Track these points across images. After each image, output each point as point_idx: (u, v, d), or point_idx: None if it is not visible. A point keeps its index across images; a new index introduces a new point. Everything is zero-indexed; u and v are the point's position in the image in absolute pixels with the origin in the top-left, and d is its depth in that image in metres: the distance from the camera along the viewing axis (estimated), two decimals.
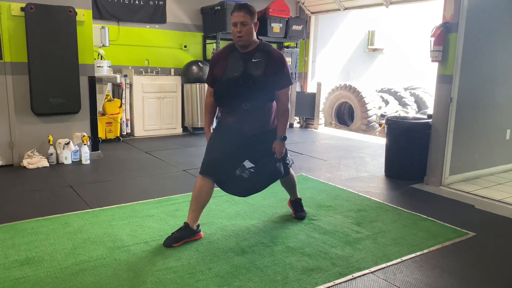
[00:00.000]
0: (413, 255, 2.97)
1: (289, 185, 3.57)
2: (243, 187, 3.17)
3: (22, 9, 4.85)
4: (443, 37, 4.46)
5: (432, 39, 4.52)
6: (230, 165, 3.09)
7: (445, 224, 3.54)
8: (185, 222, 3.07)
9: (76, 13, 5.12)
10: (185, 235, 3.03)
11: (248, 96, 2.96)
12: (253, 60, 2.95)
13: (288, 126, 3.22)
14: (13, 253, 2.82)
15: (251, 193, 3.26)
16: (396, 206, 3.96)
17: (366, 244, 3.12)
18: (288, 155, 3.38)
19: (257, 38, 3.08)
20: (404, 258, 2.91)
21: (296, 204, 3.67)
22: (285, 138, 3.09)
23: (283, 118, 3.07)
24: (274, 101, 3.12)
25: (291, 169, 3.43)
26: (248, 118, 3.04)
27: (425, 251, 3.04)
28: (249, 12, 2.92)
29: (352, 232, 3.32)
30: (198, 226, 3.11)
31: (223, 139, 3.09)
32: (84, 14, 5.29)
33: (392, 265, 2.82)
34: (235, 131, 3.07)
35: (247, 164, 3.25)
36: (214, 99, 3.09)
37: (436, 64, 4.62)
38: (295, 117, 8.98)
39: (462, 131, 4.67)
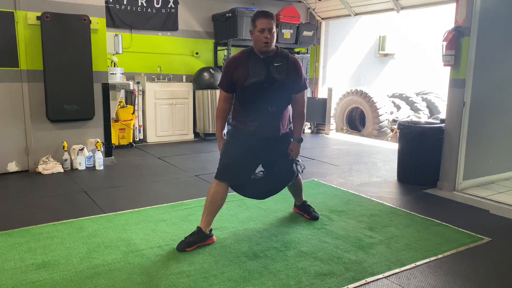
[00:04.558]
0: (427, 260, 2.94)
1: (297, 188, 3.64)
2: (262, 190, 3.28)
3: (38, 18, 4.96)
4: (455, 41, 4.44)
5: (444, 43, 4.49)
6: (245, 170, 3.15)
7: (460, 229, 3.50)
8: (198, 227, 3.09)
9: (90, 22, 5.21)
10: (198, 239, 3.05)
11: (274, 99, 3.07)
12: (275, 64, 3.04)
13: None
14: (30, 257, 2.86)
15: (270, 195, 3.37)
16: (409, 211, 3.94)
17: (379, 249, 3.10)
18: (300, 160, 3.41)
19: None
20: (418, 263, 2.89)
21: (304, 207, 3.71)
22: (301, 139, 3.28)
23: (301, 120, 3.27)
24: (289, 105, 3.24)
25: (299, 172, 3.48)
26: (270, 121, 3.13)
27: (439, 256, 3.01)
28: (272, 18, 3.01)
29: (365, 237, 3.30)
30: (211, 230, 3.13)
31: (239, 145, 3.12)
32: (98, 22, 5.38)
33: (405, 270, 2.80)
34: (252, 136, 3.10)
35: (258, 168, 3.31)
36: (239, 103, 3.12)
37: (448, 68, 4.60)
38: (306, 123, 8.97)
39: (476, 136, 4.63)
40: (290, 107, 3.30)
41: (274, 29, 3.01)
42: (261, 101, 3.05)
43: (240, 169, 3.11)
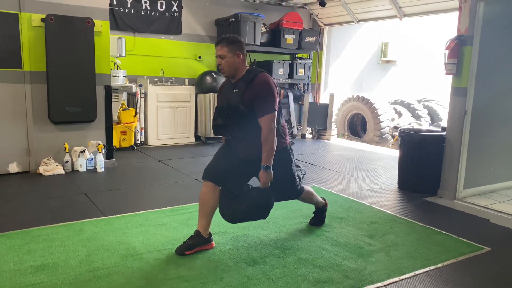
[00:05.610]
0: (427, 269, 2.93)
1: (305, 200, 3.54)
2: (229, 210, 3.05)
3: (42, 20, 4.98)
4: (458, 50, 4.44)
5: (447, 52, 4.50)
6: (230, 171, 3.07)
7: (460, 238, 3.49)
8: (196, 230, 3.09)
9: (94, 24, 5.23)
10: (197, 242, 3.05)
11: (230, 127, 3.01)
12: (234, 90, 3.00)
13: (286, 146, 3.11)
14: (29, 259, 2.86)
15: (235, 221, 3.13)
16: (409, 219, 3.93)
17: (379, 257, 3.09)
18: (301, 165, 3.38)
19: (252, 65, 3.11)
20: (417, 272, 2.88)
21: (317, 212, 3.67)
22: (267, 168, 2.92)
23: (264, 146, 2.92)
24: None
25: (304, 187, 3.38)
26: (239, 145, 3.07)
27: (439, 265, 3.00)
28: (227, 44, 2.95)
29: (364, 245, 3.29)
30: (210, 235, 3.13)
31: (227, 149, 3.15)
32: (101, 25, 5.40)
33: (405, 279, 2.79)
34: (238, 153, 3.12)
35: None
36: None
37: (450, 76, 4.60)
38: (307, 128, 8.98)
39: (477, 144, 4.62)
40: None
41: (230, 55, 2.93)
42: (220, 127, 3.07)
43: (224, 169, 3.06)
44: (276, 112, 2.95)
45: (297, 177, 3.27)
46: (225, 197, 3.08)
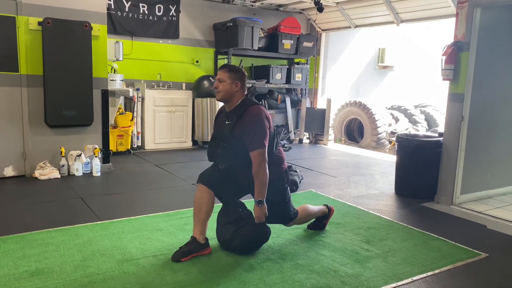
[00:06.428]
0: (424, 275, 2.92)
1: (303, 222, 3.52)
2: (223, 240, 3.17)
3: (39, 23, 4.97)
4: (455, 56, 4.46)
5: (444, 57, 4.52)
6: (228, 179, 3.10)
7: (457, 244, 3.49)
8: (192, 236, 3.07)
9: (91, 28, 5.23)
10: (193, 249, 3.02)
11: (224, 157, 3.03)
12: (226, 122, 3.03)
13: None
14: (23, 264, 2.84)
15: (227, 248, 3.15)
16: (406, 225, 3.92)
17: (376, 262, 3.08)
18: (298, 171, 3.37)
19: (246, 95, 3.10)
20: (414, 278, 2.87)
21: (317, 219, 3.65)
22: (260, 202, 2.98)
23: (256, 181, 2.95)
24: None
25: (298, 210, 3.37)
26: (237, 175, 3.09)
27: (436, 271, 2.99)
28: (229, 71, 3.01)
29: (361, 250, 3.28)
30: (207, 240, 3.11)
31: None
32: (99, 29, 5.40)
33: (402, 285, 2.78)
34: None
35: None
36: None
37: (447, 82, 4.62)
38: (304, 133, 8.99)
39: (474, 150, 4.63)
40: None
41: (228, 81, 2.96)
42: (214, 157, 3.09)
43: (221, 174, 3.08)
44: (266, 148, 2.95)
45: (291, 207, 3.28)
46: (221, 224, 3.17)
